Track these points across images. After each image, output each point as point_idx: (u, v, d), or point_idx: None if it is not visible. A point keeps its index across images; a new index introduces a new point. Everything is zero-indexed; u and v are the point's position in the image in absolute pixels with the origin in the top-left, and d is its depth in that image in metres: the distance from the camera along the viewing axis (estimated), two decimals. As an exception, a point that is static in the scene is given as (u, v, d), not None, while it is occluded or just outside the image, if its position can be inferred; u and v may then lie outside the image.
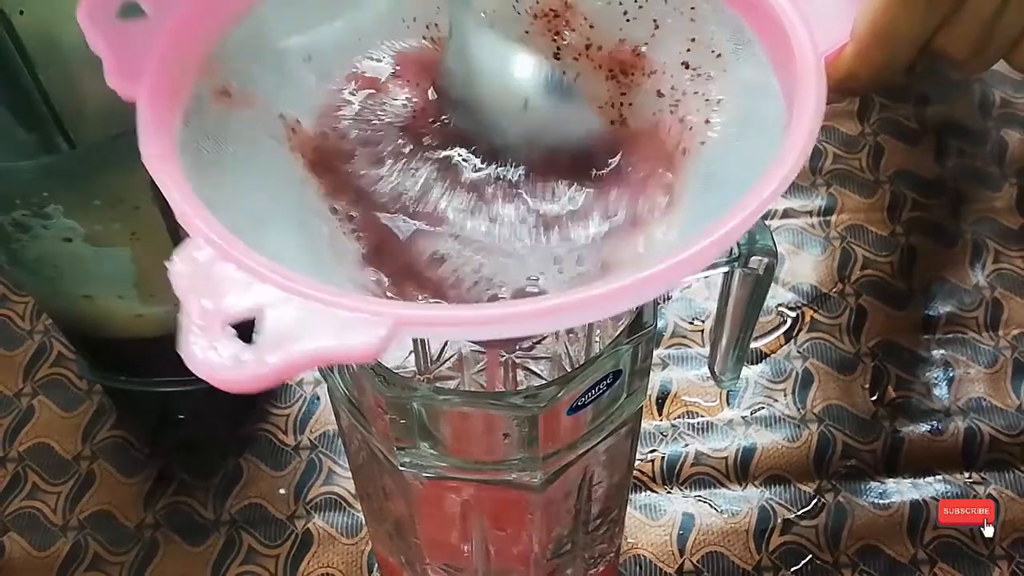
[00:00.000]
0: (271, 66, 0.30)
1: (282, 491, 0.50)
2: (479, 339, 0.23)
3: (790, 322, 0.55)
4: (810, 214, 0.60)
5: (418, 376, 0.43)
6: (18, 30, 0.35)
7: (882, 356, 0.54)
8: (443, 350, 0.43)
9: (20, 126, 0.38)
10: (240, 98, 0.29)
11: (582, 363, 0.33)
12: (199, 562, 0.48)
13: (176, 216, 0.24)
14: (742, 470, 0.50)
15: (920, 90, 0.65)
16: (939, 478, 0.50)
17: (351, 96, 0.31)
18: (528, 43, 0.32)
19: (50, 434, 0.52)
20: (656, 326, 0.32)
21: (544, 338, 0.43)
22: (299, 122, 0.30)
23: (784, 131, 0.26)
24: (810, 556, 0.48)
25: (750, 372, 0.53)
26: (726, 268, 0.34)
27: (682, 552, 0.48)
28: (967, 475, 0.50)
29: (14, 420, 0.53)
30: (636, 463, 0.44)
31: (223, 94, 0.29)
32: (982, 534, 0.48)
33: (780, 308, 0.56)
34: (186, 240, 0.23)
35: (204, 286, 0.22)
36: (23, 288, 0.57)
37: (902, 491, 0.49)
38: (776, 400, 0.53)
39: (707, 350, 0.54)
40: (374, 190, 0.30)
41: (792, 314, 0.56)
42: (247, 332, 0.21)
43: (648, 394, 0.52)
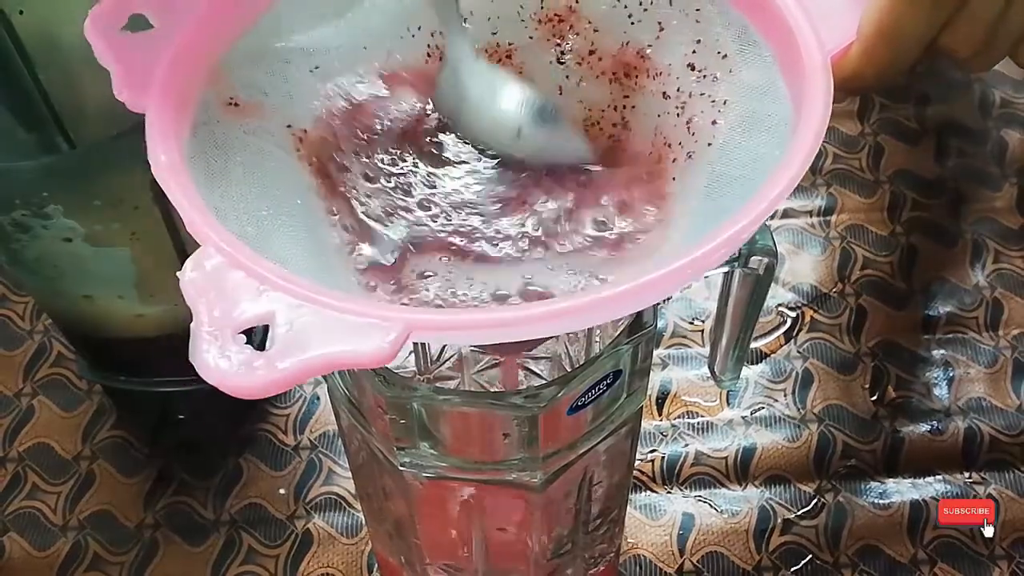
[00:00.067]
0: (278, 76, 0.30)
1: (282, 491, 0.50)
2: (489, 343, 0.23)
3: (790, 322, 0.55)
4: (810, 214, 0.60)
5: (418, 376, 0.43)
6: (18, 30, 0.35)
7: (882, 356, 0.54)
8: (443, 350, 0.43)
9: (20, 126, 0.37)
10: (248, 108, 0.29)
11: (582, 363, 0.33)
12: (199, 562, 0.48)
13: (186, 225, 0.24)
14: (742, 470, 0.50)
15: (920, 90, 0.65)
16: (939, 478, 0.50)
17: (358, 106, 0.31)
18: (532, 48, 0.32)
19: (50, 434, 0.52)
20: (656, 326, 0.32)
21: (545, 339, 0.43)
22: (306, 131, 0.30)
23: (790, 132, 0.26)
24: (810, 556, 0.48)
25: (750, 372, 0.53)
26: (726, 268, 0.34)
27: (682, 552, 0.48)
28: (967, 475, 0.50)
29: (14, 420, 0.53)
30: (636, 463, 0.44)
31: (231, 104, 0.29)
32: (982, 534, 0.48)
33: (780, 308, 0.56)
34: (198, 249, 0.23)
35: (214, 294, 0.22)
36: (23, 288, 0.57)
37: (902, 491, 0.49)
38: (776, 400, 0.53)
39: (707, 350, 0.54)
40: (380, 200, 0.30)
41: (792, 314, 0.56)
42: (256, 338, 0.21)
43: (648, 394, 0.52)
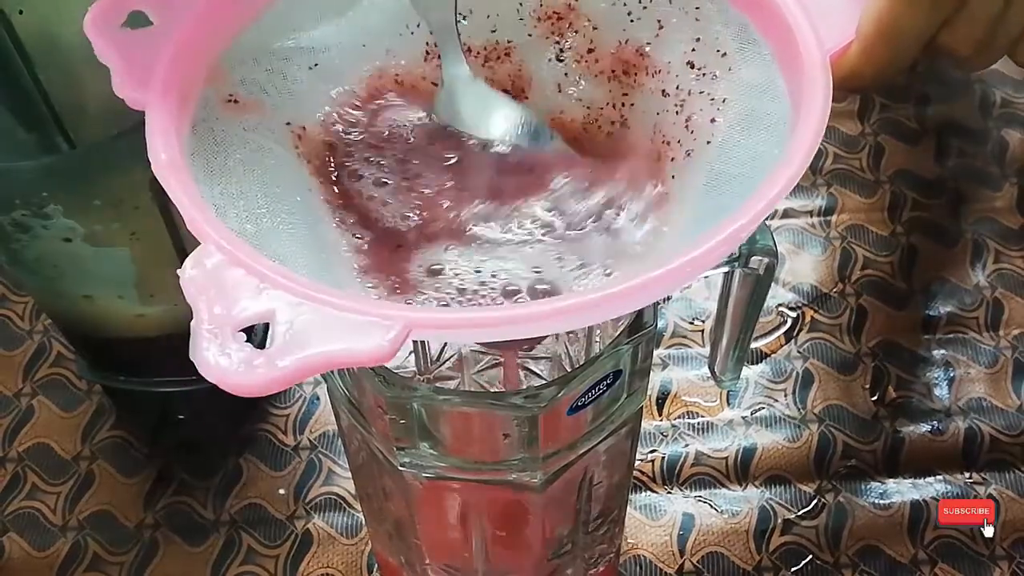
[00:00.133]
0: (277, 74, 0.30)
1: (282, 491, 0.50)
2: (488, 341, 0.23)
3: (790, 322, 0.55)
4: (810, 214, 0.60)
5: (418, 376, 0.43)
6: (18, 30, 0.35)
7: (882, 356, 0.54)
8: (443, 350, 0.43)
9: (20, 126, 0.37)
10: (247, 105, 0.29)
11: (582, 363, 0.33)
12: (199, 562, 0.48)
13: (186, 222, 0.24)
14: (742, 470, 0.50)
15: (920, 90, 0.65)
16: (939, 478, 0.50)
17: (356, 104, 0.31)
18: (531, 46, 0.32)
19: (50, 434, 0.52)
20: (656, 326, 0.32)
21: (544, 338, 0.43)
22: (305, 129, 0.30)
23: (790, 130, 0.26)
24: (810, 556, 0.47)
25: (750, 372, 0.53)
26: (726, 268, 0.34)
27: (682, 552, 0.48)
28: (967, 475, 0.50)
29: (14, 420, 0.53)
30: (636, 463, 0.44)
31: (230, 101, 0.29)
32: (982, 534, 0.48)
33: (780, 308, 0.56)
34: (198, 247, 0.23)
35: (215, 292, 0.22)
36: (23, 288, 0.57)
37: (902, 491, 0.49)
38: (776, 400, 0.53)
39: (707, 350, 0.54)
40: (379, 198, 0.30)
41: (792, 314, 0.56)
42: (257, 336, 0.21)
43: (648, 394, 0.52)
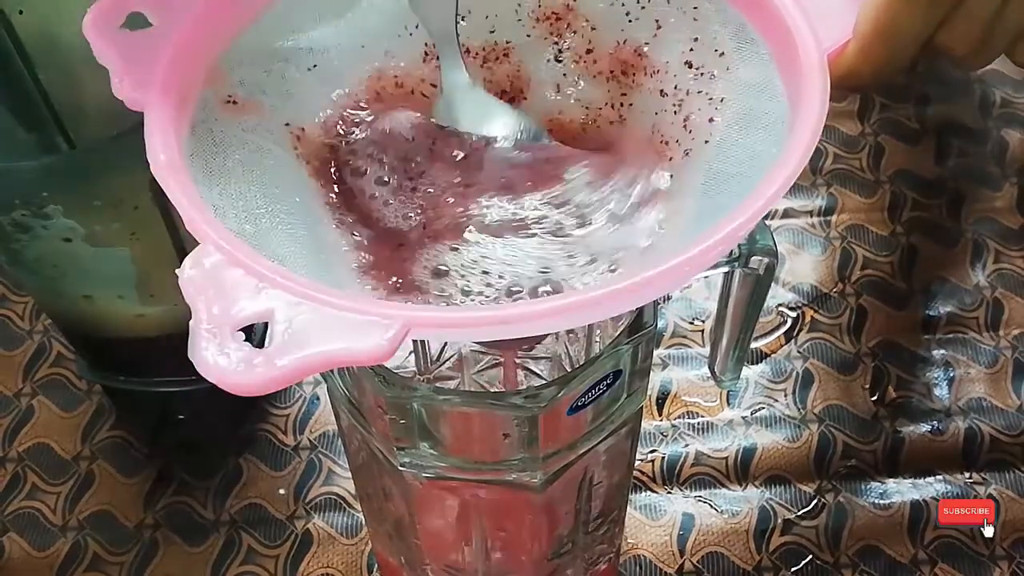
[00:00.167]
0: (276, 75, 0.30)
1: (282, 491, 0.50)
2: (487, 340, 0.23)
3: (790, 322, 0.55)
4: (810, 214, 0.60)
5: (418, 376, 0.43)
6: (18, 30, 0.35)
7: (882, 356, 0.54)
8: (443, 350, 0.43)
9: (20, 126, 0.37)
10: (246, 106, 0.29)
11: (582, 363, 0.33)
12: (199, 562, 0.48)
13: (185, 223, 0.24)
14: (742, 470, 0.50)
15: (920, 90, 0.65)
16: (939, 478, 0.50)
17: (355, 105, 0.31)
18: (530, 47, 0.32)
19: (50, 434, 0.52)
20: (656, 326, 0.32)
21: (544, 338, 0.43)
22: (304, 130, 0.30)
23: (787, 129, 0.26)
24: (810, 556, 0.47)
25: (750, 372, 0.53)
26: (726, 268, 0.34)
27: (682, 552, 0.48)
28: (967, 475, 0.50)
29: (14, 420, 0.53)
30: (636, 463, 0.44)
31: (229, 103, 0.29)
32: (982, 534, 0.48)
33: (780, 308, 0.56)
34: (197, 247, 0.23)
35: (213, 291, 0.22)
36: (23, 288, 0.57)
37: (902, 491, 0.49)
38: (776, 400, 0.53)
39: (707, 350, 0.54)
40: (379, 198, 0.30)
41: (792, 314, 0.56)
42: (257, 336, 0.21)
43: (648, 394, 0.52)
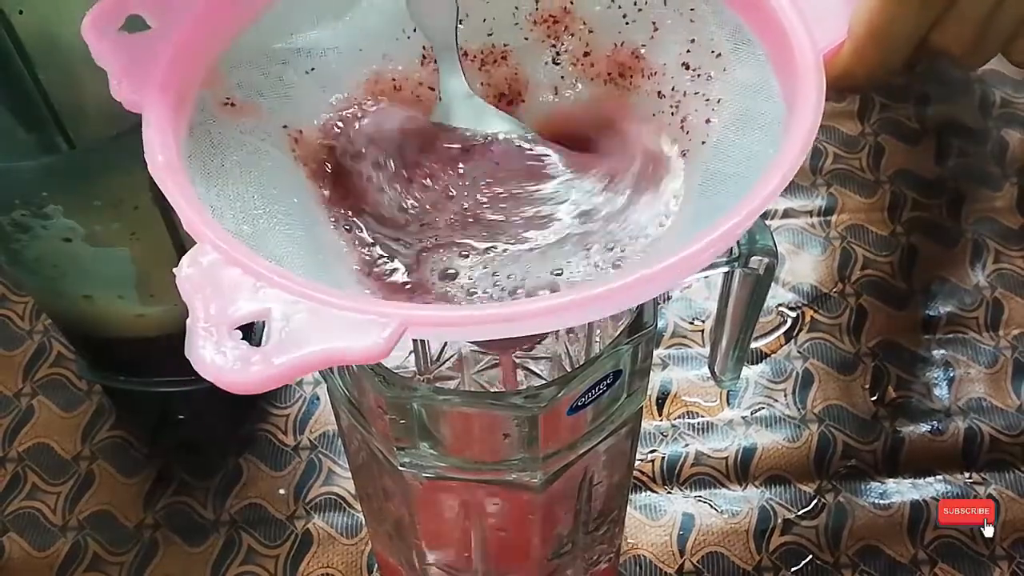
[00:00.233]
0: (274, 77, 0.30)
1: (282, 491, 0.50)
2: (484, 339, 0.23)
3: (790, 322, 0.55)
4: (810, 214, 0.60)
5: (418, 376, 0.43)
6: (18, 30, 0.35)
7: (882, 356, 0.54)
8: (443, 350, 0.43)
9: (20, 126, 0.37)
10: (244, 109, 0.29)
11: (582, 363, 0.33)
12: (199, 562, 0.48)
13: (183, 223, 0.24)
14: (742, 470, 0.50)
15: (920, 90, 0.65)
16: (939, 478, 0.50)
17: (353, 108, 0.31)
18: (527, 50, 0.32)
19: (50, 434, 0.52)
20: (656, 326, 0.32)
21: (544, 338, 0.43)
22: (302, 132, 0.30)
23: (784, 130, 0.26)
24: (810, 556, 0.47)
25: (750, 372, 0.53)
26: (726, 268, 0.34)
27: (682, 552, 0.48)
28: (967, 475, 0.50)
29: (14, 420, 0.53)
30: (636, 463, 0.44)
31: (227, 104, 0.29)
32: (982, 534, 0.48)
33: (780, 308, 0.56)
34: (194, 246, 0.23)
35: (211, 290, 0.22)
36: (23, 288, 0.57)
37: (902, 491, 0.49)
38: (776, 400, 0.53)
39: (707, 350, 0.54)
40: (377, 200, 0.30)
41: (792, 314, 0.56)
42: (256, 335, 0.21)
43: (648, 394, 0.52)
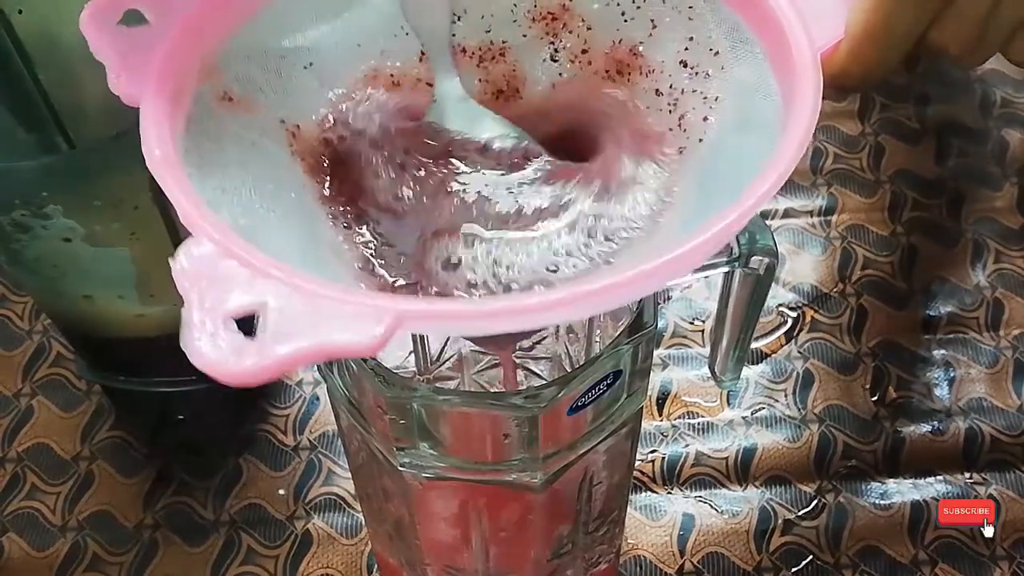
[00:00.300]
0: (272, 72, 0.30)
1: (282, 491, 0.50)
2: (481, 334, 0.23)
3: (791, 322, 0.55)
4: (811, 214, 0.60)
5: (418, 376, 0.43)
6: (17, 30, 0.35)
7: (883, 356, 0.54)
8: (443, 350, 0.43)
9: (20, 126, 0.37)
10: (242, 103, 0.29)
11: (582, 363, 0.33)
12: (199, 562, 0.48)
13: (180, 216, 0.24)
14: (742, 470, 0.50)
15: (921, 90, 0.65)
16: (940, 478, 0.50)
17: (351, 103, 0.31)
18: (526, 47, 0.32)
19: (49, 434, 0.52)
20: (656, 326, 0.32)
21: (544, 338, 0.43)
22: (299, 127, 0.30)
23: (781, 128, 0.26)
24: (811, 557, 0.47)
25: (750, 372, 0.53)
26: (726, 268, 0.34)
27: (682, 553, 0.48)
28: (968, 475, 0.50)
29: (13, 420, 0.53)
30: (636, 463, 0.44)
31: (225, 99, 0.29)
32: (982, 534, 0.48)
33: (781, 308, 0.56)
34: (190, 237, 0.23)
35: (207, 281, 0.22)
36: (23, 288, 0.57)
37: (903, 491, 0.49)
38: (777, 400, 0.52)
39: (707, 350, 0.54)
40: (373, 197, 0.30)
41: (793, 314, 0.56)
42: (248, 327, 0.21)
43: (648, 394, 0.52)
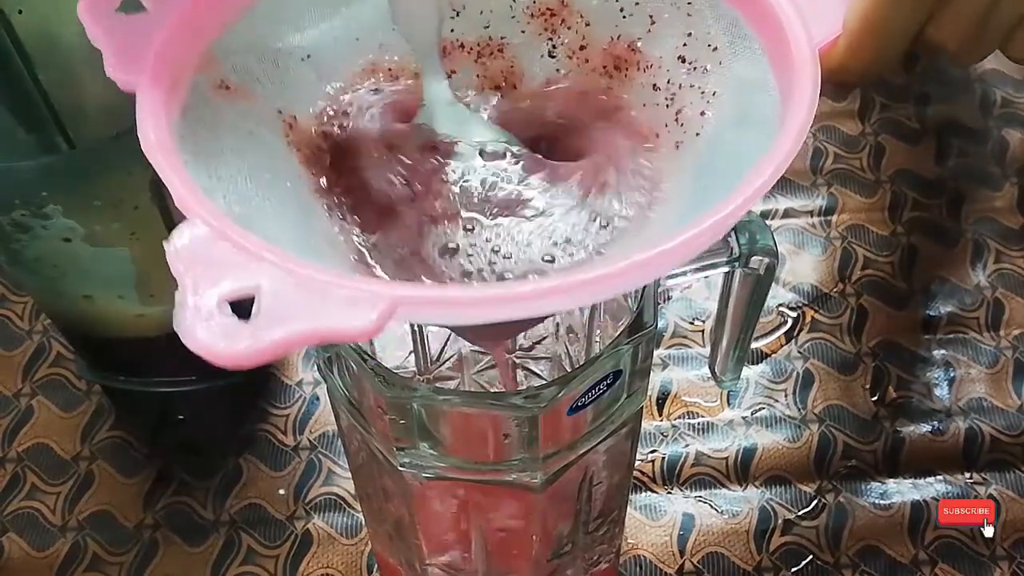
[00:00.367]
0: (269, 62, 0.30)
1: (282, 491, 0.50)
2: (476, 322, 0.23)
3: (791, 322, 0.55)
4: (811, 214, 0.60)
5: (418, 376, 0.43)
6: (17, 30, 0.35)
7: (883, 356, 0.54)
8: (443, 350, 0.43)
9: (20, 126, 0.38)
10: (239, 92, 0.29)
11: (582, 363, 0.33)
12: (199, 563, 0.48)
13: (175, 201, 0.24)
14: (742, 470, 0.50)
15: (921, 90, 0.65)
16: (940, 478, 0.50)
17: (349, 96, 0.31)
18: (524, 43, 0.32)
19: (49, 434, 0.52)
20: (656, 326, 0.32)
21: (544, 338, 0.43)
22: (296, 118, 0.30)
23: (778, 124, 0.26)
24: (811, 557, 0.47)
25: (750, 372, 0.53)
26: (726, 268, 0.34)
27: (682, 553, 0.48)
28: (968, 475, 0.50)
29: (13, 420, 0.53)
30: (636, 463, 0.44)
31: (222, 87, 0.29)
32: (982, 534, 0.48)
33: (781, 308, 0.56)
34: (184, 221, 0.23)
35: (201, 265, 0.22)
36: (23, 288, 0.57)
37: (903, 491, 0.49)
38: (777, 400, 0.52)
39: (707, 350, 0.54)
40: (370, 187, 0.30)
41: (793, 314, 0.56)
42: (243, 310, 0.21)
43: (648, 394, 0.52)
